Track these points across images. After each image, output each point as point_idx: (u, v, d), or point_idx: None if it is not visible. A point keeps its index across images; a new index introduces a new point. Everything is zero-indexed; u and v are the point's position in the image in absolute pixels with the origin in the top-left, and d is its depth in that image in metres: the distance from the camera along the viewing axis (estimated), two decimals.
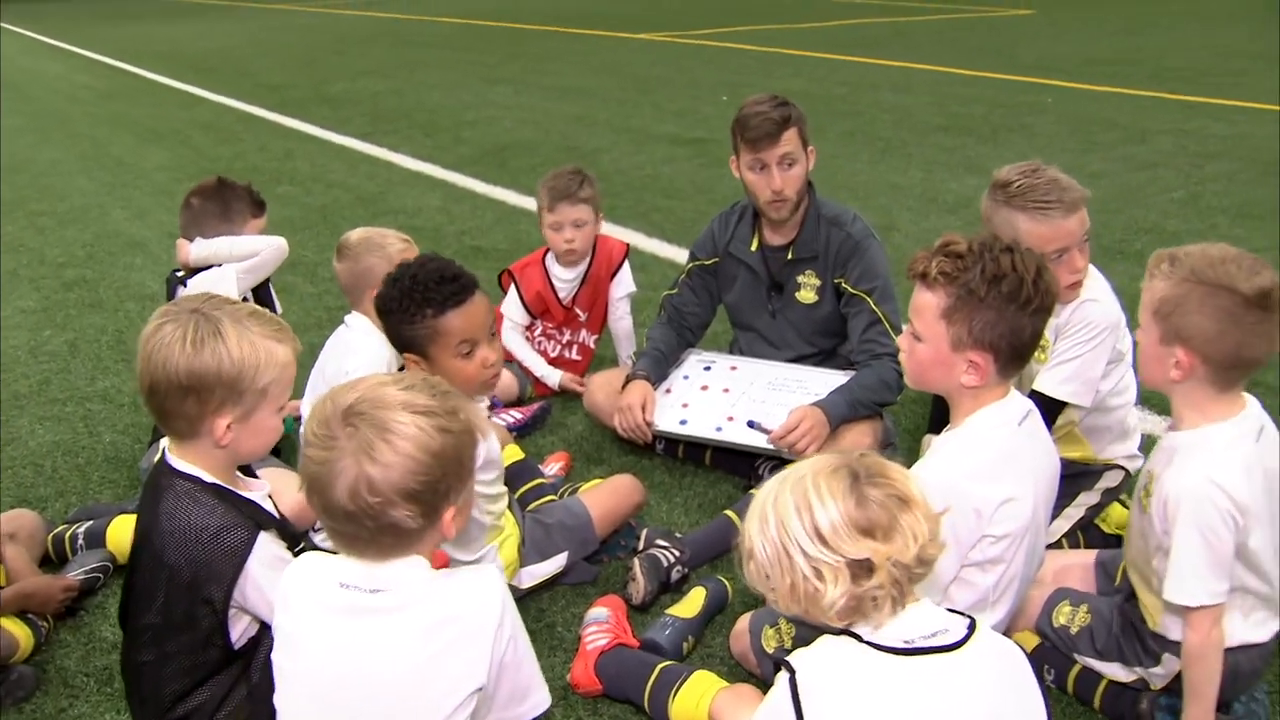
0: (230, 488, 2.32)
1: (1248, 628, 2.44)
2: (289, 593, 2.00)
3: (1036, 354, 3.08)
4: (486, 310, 2.88)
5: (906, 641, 1.83)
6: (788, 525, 1.83)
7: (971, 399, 2.43)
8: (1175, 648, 2.47)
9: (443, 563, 2.76)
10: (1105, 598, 2.73)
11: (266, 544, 2.25)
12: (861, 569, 1.80)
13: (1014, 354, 2.37)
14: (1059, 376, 3.07)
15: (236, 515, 2.25)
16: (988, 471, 2.37)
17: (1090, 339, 3.06)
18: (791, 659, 1.86)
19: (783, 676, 1.84)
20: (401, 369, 3.89)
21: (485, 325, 2.86)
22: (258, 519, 2.28)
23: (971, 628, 1.88)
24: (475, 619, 1.91)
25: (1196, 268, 2.32)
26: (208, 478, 2.28)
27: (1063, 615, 2.72)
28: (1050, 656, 2.73)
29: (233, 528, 2.23)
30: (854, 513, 1.81)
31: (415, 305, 2.77)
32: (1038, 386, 3.10)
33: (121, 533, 3.24)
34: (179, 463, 2.29)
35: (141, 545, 2.32)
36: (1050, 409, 3.06)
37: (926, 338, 2.42)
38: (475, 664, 1.90)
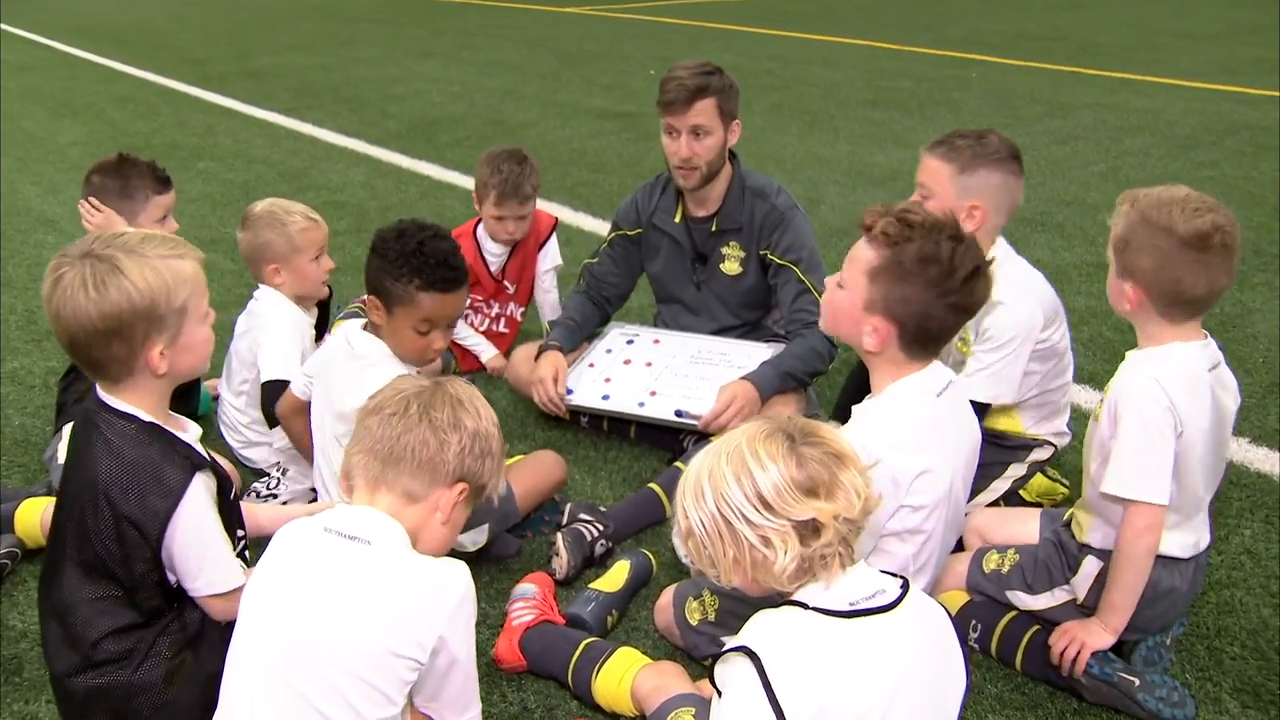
0: (166, 427, 2.27)
1: (1166, 540, 2.52)
2: (276, 538, 2.10)
3: (957, 343, 3.13)
4: (460, 306, 2.98)
5: (851, 604, 1.85)
6: (728, 496, 1.83)
7: (891, 368, 2.44)
8: (1097, 553, 2.59)
9: None
10: (1030, 544, 2.81)
11: (200, 486, 2.22)
12: (808, 530, 1.81)
13: (918, 335, 2.39)
14: (980, 381, 3.09)
15: (174, 455, 2.22)
16: (906, 442, 2.39)
17: (1003, 343, 3.07)
18: (748, 643, 1.83)
19: (742, 663, 1.82)
20: (321, 336, 3.83)
21: (451, 317, 2.95)
22: (194, 459, 2.24)
23: (905, 587, 1.92)
24: (435, 595, 1.99)
25: (1146, 209, 2.47)
26: (145, 416, 2.24)
27: (991, 562, 2.80)
28: (979, 611, 2.77)
29: (169, 467, 2.20)
30: (795, 474, 1.81)
31: (409, 271, 2.84)
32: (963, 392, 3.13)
33: (29, 516, 3.14)
34: (114, 401, 2.24)
35: (73, 483, 2.26)
36: (978, 410, 3.11)
37: (849, 288, 2.44)
38: (423, 637, 1.95)
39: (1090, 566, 2.61)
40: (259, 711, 1.99)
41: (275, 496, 3.35)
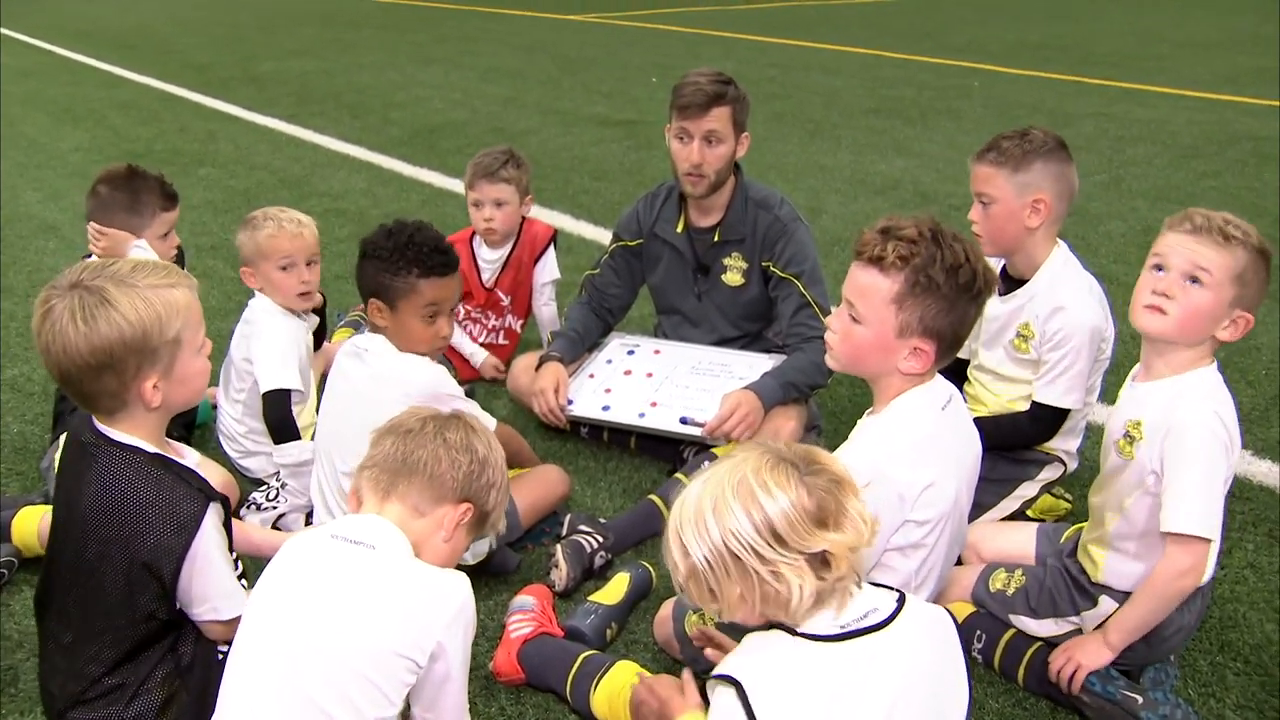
0: (174, 458, 2.24)
1: None
2: (284, 547, 2.15)
3: (1018, 344, 3.14)
4: (457, 288, 3.11)
5: (842, 627, 1.82)
6: (737, 530, 1.76)
7: (898, 383, 2.42)
8: (1116, 594, 2.56)
9: None
10: (1037, 567, 2.79)
11: (214, 517, 2.21)
12: (818, 562, 1.77)
13: (954, 343, 2.38)
14: (1062, 388, 3.09)
15: (186, 488, 2.18)
16: (910, 456, 2.37)
17: (1076, 346, 3.06)
18: (732, 672, 1.81)
19: (727, 692, 1.80)
20: (320, 342, 3.83)
21: (452, 300, 3.07)
22: (206, 491, 2.22)
23: (901, 601, 1.89)
24: (436, 600, 2.03)
25: (1258, 238, 2.40)
26: (149, 448, 2.20)
27: (998, 581, 2.78)
28: (983, 623, 2.76)
29: (183, 501, 2.17)
30: (806, 503, 1.76)
31: (405, 263, 2.94)
32: (1042, 399, 3.12)
33: (26, 525, 3.13)
34: (114, 432, 2.19)
35: (70, 517, 2.22)
36: (1056, 419, 3.13)
37: (870, 321, 2.37)
38: (423, 640, 1.99)
39: (1106, 606, 2.58)
40: (261, 708, 1.99)
41: (275, 508, 3.33)
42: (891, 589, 1.93)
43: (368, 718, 1.97)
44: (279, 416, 3.35)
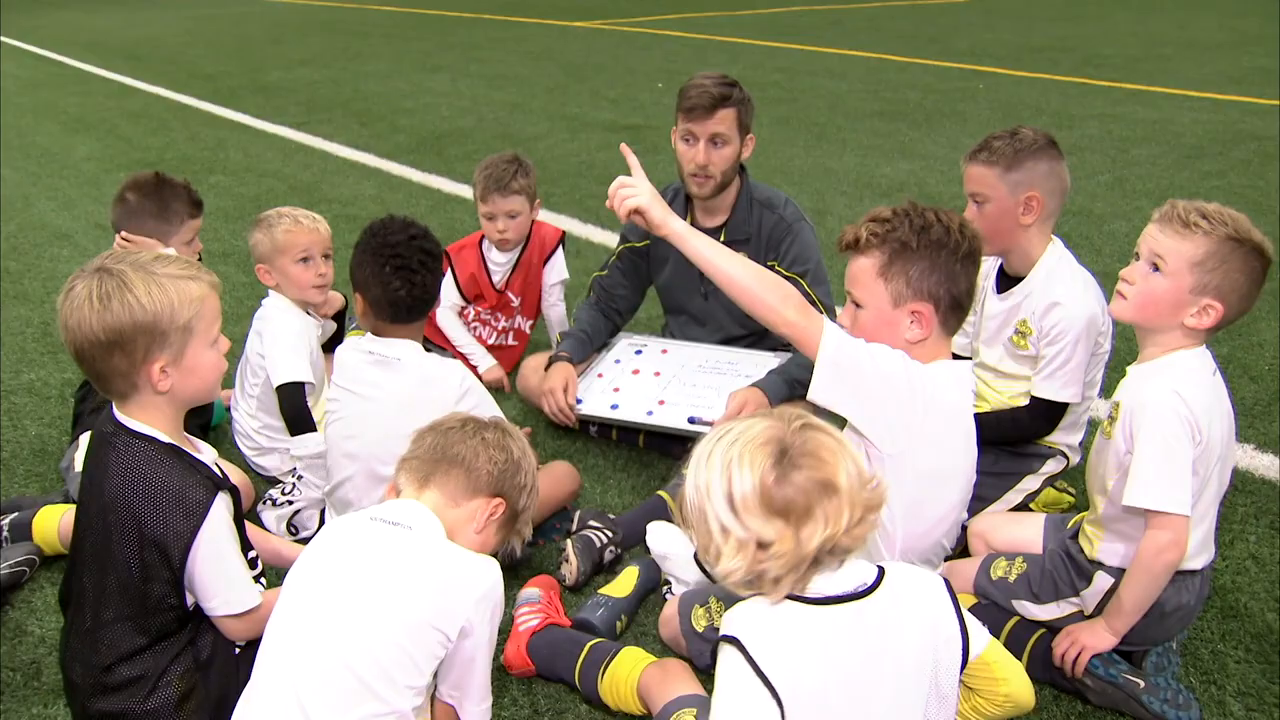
0: (185, 449, 2.31)
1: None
2: (324, 530, 2.31)
3: (1017, 340, 3.17)
4: None
5: (823, 594, 1.90)
6: (711, 486, 1.88)
7: (930, 353, 2.49)
8: (1110, 570, 2.60)
9: None
10: (1037, 554, 2.83)
11: (222, 506, 2.27)
12: (762, 547, 1.85)
13: (953, 302, 2.46)
14: (1059, 382, 3.12)
15: (195, 476, 2.26)
16: (943, 406, 2.47)
17: (1073, 340, 3.09)
18: (730, 631, 1.89)
19: (727, 651, 1.87)
20: (333, 347, 3.87)
21: None
22: (215, 480, 2.29)
23: (880, 573, 1.96)
24: (469, 578, 2.18)
25: (1239, 229, 2.42)
26: (164, 438, 2.27)
27: (999, 569, 2.82)
28: (985, 614, 2.77)
29: (192, 488, 2.23)
30: (771, 490, 1.83)
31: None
32: (1040, 394, 3.16)
33: (47, 523, 3.19)
34: (130, 421, 2.27)
35: (91, 506, 2.29)
36: (1055, 413, 3.17)
37: (867, 301, 2.49)
38: (455, 614, 2.13)
39: (1102, 583, 2.62)
40: (299, 674, 2.08)
41: (291, 502, 3.39)
42: (872, 564, 2.00)
43: (399, 685, 2.09)
44: (295, 409, 3.41)
